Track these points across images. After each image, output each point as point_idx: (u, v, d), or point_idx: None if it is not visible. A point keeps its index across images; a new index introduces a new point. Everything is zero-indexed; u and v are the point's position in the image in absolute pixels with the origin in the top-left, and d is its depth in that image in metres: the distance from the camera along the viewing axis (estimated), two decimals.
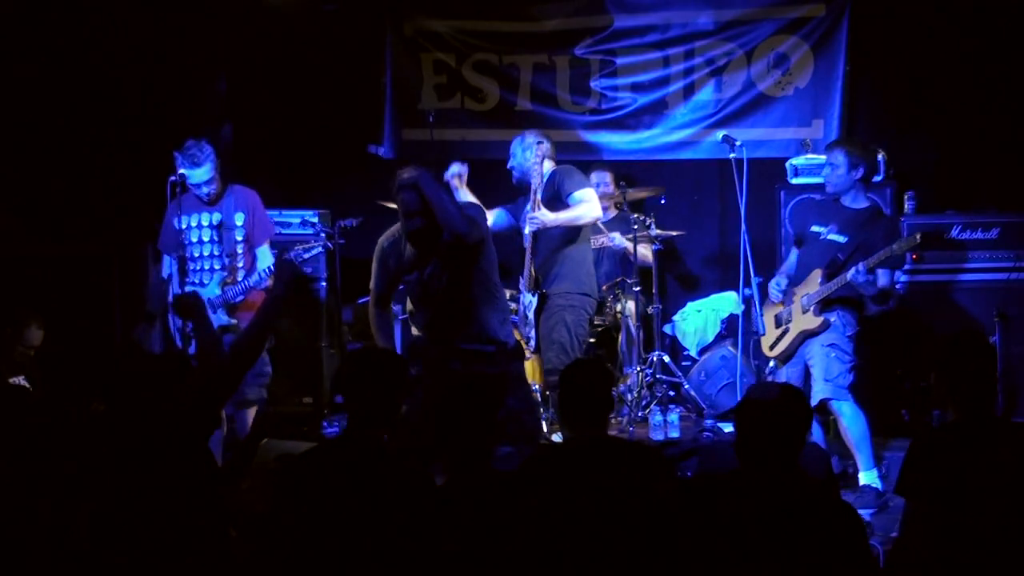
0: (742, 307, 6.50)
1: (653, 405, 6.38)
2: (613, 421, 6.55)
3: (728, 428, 6.42)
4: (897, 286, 5.79)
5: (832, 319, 5.32)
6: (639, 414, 6.28)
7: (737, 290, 6.55)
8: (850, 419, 5.24)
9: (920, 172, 6.91)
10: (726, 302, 7.25)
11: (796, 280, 5.57)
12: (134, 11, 7.05)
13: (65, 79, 7.06)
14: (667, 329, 7.27)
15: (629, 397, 6.41)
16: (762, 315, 5.75)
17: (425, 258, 4.73)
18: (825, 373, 5.26)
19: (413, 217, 4.61)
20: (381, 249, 4.88)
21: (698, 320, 7.29)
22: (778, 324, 5.56)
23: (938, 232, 6.32)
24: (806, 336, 5.37)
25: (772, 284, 5.69)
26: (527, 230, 5.75)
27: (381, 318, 5.02)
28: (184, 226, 5.55)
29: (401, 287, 5.22)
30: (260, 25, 7.40)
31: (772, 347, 5.59)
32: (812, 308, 5.33)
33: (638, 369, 6.46)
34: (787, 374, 5.48)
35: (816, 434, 5.43)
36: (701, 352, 7.17)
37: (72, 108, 7.07)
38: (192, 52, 7.25)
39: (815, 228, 5.54)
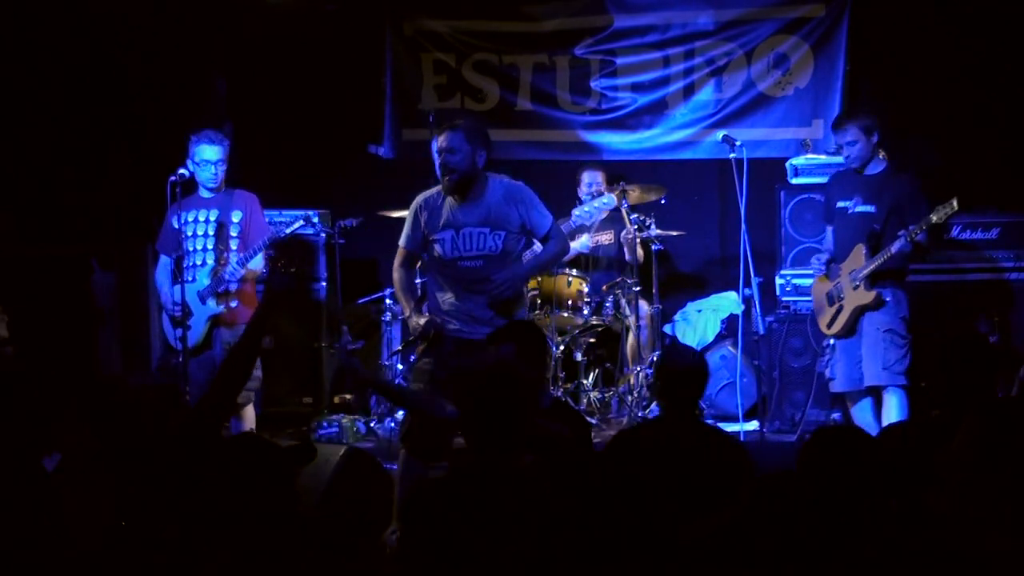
0: (742, 307, 6.50)
1: (653, 405, 6.37)
2: (613, 422, 6.57)
3: (728, 428, 6.43)
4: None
5: (887, 298, 5.29)
6: (639, 414, 6.28)
7: (737, 290, 6.56)
8: (897, 405, 5.24)
9: (920, 172, 6.90)
10: (726, 302, 7.25)
11: (839, 258, 5.51)
12: (134, 11, 7.06)
13: (65, 79, 7.07)
14: (667, 329, 7.27)
15: (629, 398, 6.41)
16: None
17: (460, 215, 4.74)
18: (884, 361, 5.26)
19: (453, 153, 4.70)
20: (416, 204, 4.89)
21: (698, 320, 7.29)
22: (831, 302, 5.50)
23: (938, 232, 6.32)
24: (862, 311, 5.34)
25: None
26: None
27: (408, 276, 5.00)
28: (183, 221, 5.57)
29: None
30: (260, 25, 7.40)
31: (829, 325, 5.54)
32: (862, 283, 5.30)
33: (638, 369, 6.46)
34: (844, 347, 5.45)
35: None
36: (701, 352, 7.16)
37: (72, 108, 7.08)
38: (192, 52, 7.26)
39: (841, 204, 5.51)
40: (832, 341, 5.58)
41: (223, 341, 5.59)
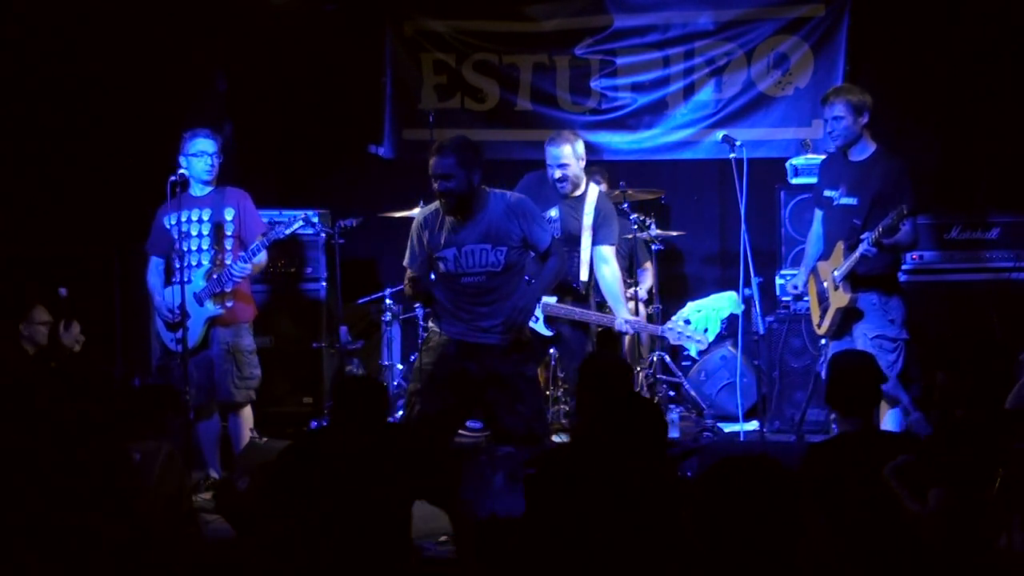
0: (742, 307, 6.49)
1: None
2: None
3: (728, 428, 6.43)
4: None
5: (873, 301, 5.16)
6: None
7: (737, 290, 6.55)
8: (891, 410, 5.17)
9: (920, 172, 6.89)
10: (726, 302, 7.23)
11: (825, 253, 5.41)
12: (134, 11, 7.05)
13: (65, 79, 7.07)
14: None
15: None
16: (805, 295, 5.64)
17: (461, 233, 4.71)
18: None
19: (449, 179, 4.59)
20: (416, 225, 4.84)
21: (698, 320, 7.27)
22: (820, 301, 5.44)
23: (938, 232, 6.32)
24: (843, 313, 5.21)
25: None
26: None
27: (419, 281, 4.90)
28: (176, 222, 5.53)
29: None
30: (260, 25, 7.40)
31: (819, 325, 5.48)
32: (841, 285, 5.17)
33: (638, 369, 6.45)
34: (834, 349, 5.28)
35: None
36: (701, 352, 7.15)
37: (72, 108, 7.08)
38: (192, 52, 7.26)
39: (827, 192, 5.37)
40: (825, 340, 5.57)
41: (220, 341, 5.58)
